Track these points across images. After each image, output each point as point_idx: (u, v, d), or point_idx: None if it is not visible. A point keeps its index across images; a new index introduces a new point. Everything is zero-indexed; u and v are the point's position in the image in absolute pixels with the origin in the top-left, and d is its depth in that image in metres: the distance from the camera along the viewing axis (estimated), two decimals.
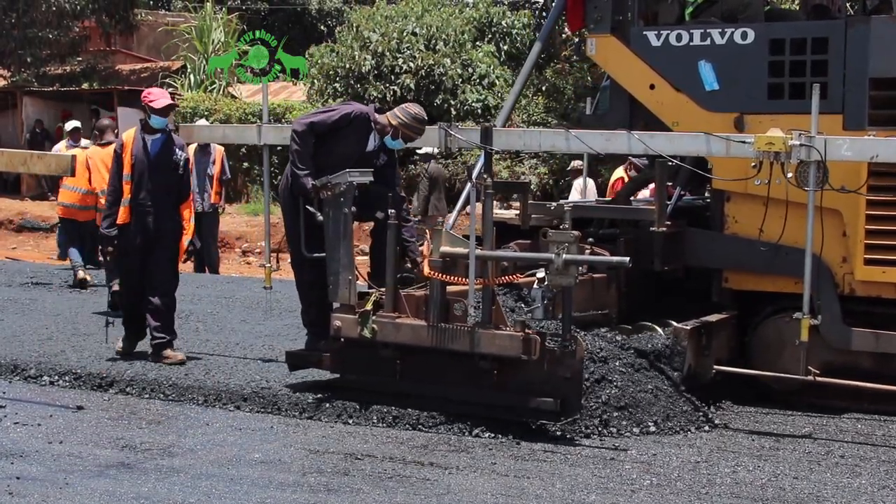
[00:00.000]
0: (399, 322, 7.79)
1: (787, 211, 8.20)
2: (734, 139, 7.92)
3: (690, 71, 8.71)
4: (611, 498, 6.24)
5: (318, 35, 34.47)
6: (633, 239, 8.91)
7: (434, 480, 6.50)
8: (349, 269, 7.94)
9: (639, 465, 6.89)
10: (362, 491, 6.27)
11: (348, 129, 8.41)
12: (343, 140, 8.37)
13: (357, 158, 8.27)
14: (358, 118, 8.42)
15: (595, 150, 8.48)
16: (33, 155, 10.53)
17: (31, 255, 20.13)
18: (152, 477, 6.48)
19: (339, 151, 8.30)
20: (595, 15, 9.05)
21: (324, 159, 8.28)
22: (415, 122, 8.44)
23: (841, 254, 8.36)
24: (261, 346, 10.40)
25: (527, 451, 7.16)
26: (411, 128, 8.44)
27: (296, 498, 6.15)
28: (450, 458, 6.95)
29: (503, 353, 7.43)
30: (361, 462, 6.85)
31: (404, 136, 8.48)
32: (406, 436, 7.47)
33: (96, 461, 6.82)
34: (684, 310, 8.73)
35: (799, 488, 6.50)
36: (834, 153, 7.60)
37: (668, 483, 6.53)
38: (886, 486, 6.60)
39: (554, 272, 7.33)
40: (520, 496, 6.23)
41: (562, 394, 7.34)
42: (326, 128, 8.38)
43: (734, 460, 7.07)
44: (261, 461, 6.85)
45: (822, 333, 8.18)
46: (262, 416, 8.02)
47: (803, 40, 8.44)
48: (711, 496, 6.31)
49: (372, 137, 8.45)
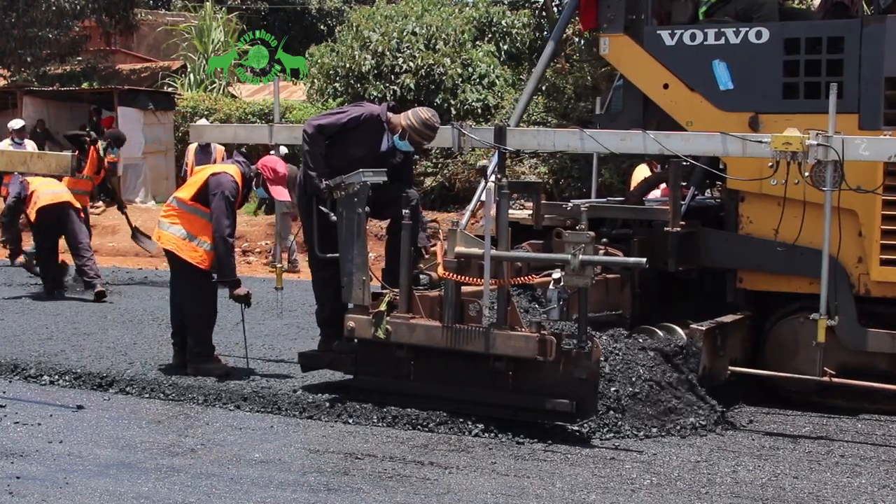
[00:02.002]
0: (413, 323, 7.74)
1: (805, 211, 8.14)
2: (751, 139, 7.89)
3: (704, 70, 8.66)
4: (611, 497, 6.22)
5: (318, 35, 34.40)
6: (647, 239, 8.86)
7: (434, 480, 6.49)
8: (363, 269, 7.90)
9: (639, 464, 6.88)
10: (362, 490, 6.27)
11: (359, 131, 8.34)
12: (355, 142, 8.31)
13: (371, 159, 8.21)
14: (368, 119, 8.34)
15: (610, 150, 8.44)
16: (33, 155, 10.52)
17: None
18: (152, 477, 6.47)
19: (351, 153, 8.23)
20: (608, 14, 9.00)
21: (337, 161, 8.22)
22: (423, 127, 8.31)
23: (856, 254, 8.32)
24: (260, 346, 10.42)
25: (527, 450, 7.15)
26: (419, 132, 8.31)
27: (296, 497, 6.14)
28: (450, 458, 6.94)
29: (518, 355, 7.38)
30: (361, 462, 6.84)
31: (411, 140, 8.37)
32: (406, 435, 7.46)
33: (96, 461, 6.81)
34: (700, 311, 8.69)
35: (799, 488, 6.49)
36: (852, 153, 7.56)
37: (668, 483, 6.52)
38: (886, 486, 6.59)
39: (570, 273, 7.29)
40: (520, 496, 6.22)
41: (578, 395, 7.30)
42: (336, 129, 8.32)
43: (734, 460, 7.05)
44: (261, 461, 6.84)
45: (837, 334, 8.14)
46: (261, 415, 8.01)
47: (818, 39, 8.40)
48: (711, 496, 6.30)
49: (385, 138, 8.38)
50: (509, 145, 8.42)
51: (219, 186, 8.94)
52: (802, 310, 8.41)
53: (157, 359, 9.60)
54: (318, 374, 8.74)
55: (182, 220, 9.05)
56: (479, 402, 7.62)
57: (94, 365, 9.29)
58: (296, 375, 8.95)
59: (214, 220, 8.91)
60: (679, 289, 9.27)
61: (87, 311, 12.68)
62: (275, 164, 9.15)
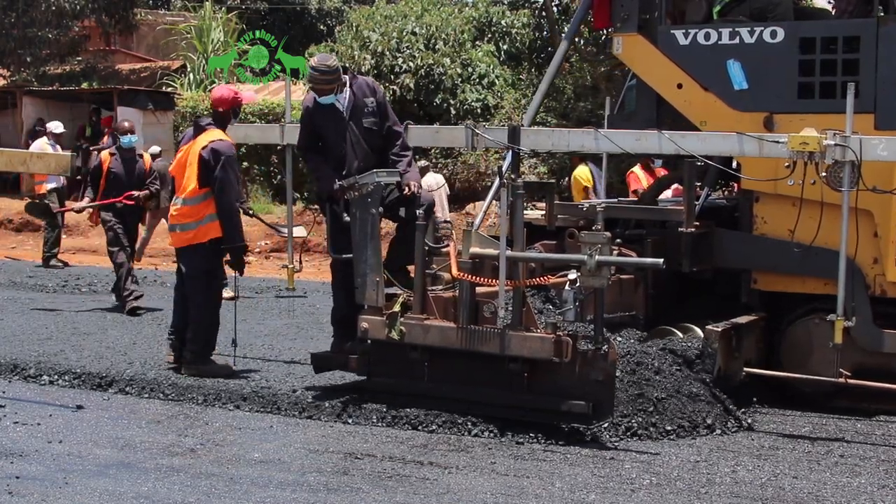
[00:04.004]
0: (427, 324, 7.69)
1: (823, 212, 8.10)
2: (767, 139, 7.85)
3: (719, 70, 8.63)
4: (610, 497, 6.21)
5: (318, 35, 34.33)
6: (661, 240, 8.82)
7: (433, 480, 6.48)
8: (377, 270, 7.84)
9: (639, 464, 6.86)
10: (362, 490, 6.26)
11: (317, 118, 8.41)
12: (321, 128, 8.40)
13: (333, 129, 8.34)
14: (310, 104, 8.45)
15: (625, 150, 8.40)
16: (33, 155, 10.50)
17: (30, 255, 20.00)
18: (152, 476, 6.46)
19: (324, 138, 8.39)
20: (622, 13, 8.97)
21: (325, 152, 8.39)
22: (313, 73, 8.28)
23: (872, 255, 8.28)
24: (260, 346, 10.42)
25: (526, 450, 7.13)
26: (313, 79, 8.28)
27: (295, 497, 6.12)
28: (449, 458, 6.93)
29: (534, 356, 7.33)
30: (361, 461, 6.83)
31: (315, 91, 8.33)
32: (406, 435, 7.44)
33: (96, 460, 6.80)
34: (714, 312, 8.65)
35: (798, 488, 6.48)
36: (870, 153, 7.52)
37: (668, 482, 6.50)
38: (886, 486, 6.58)
39: (586, 274, 7.24)
40: (519, 495, 6.21)
41: (594, 397, 7.25)
42: (310, 133, 8.47)
43: (734, 460, 7.03)
44: (260, 460, 6.84)
45: (853, 335, 8.09)
46: (261, 415, 8.00)
47: (834, 39, 8.37)
48: (711, 496, 6.28)
49: (330, 102, 8.37)
50: (523, 145, 8.38)
51: (217, 156, 8.87)
52: (817, 311, 8.37)
53: (157, 359, 9.56)
54: (319, 375, 8.71)
55: (192, 214, 9.01)
56: (494, 404, 7.57)
57: (93, 365, 9.28)
58: (296, 375, 8.94)
59: (221, 191, 8.88)
60: (693, 289, 9.23)
61: (86, 311, 12.65)
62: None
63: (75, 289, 14.88)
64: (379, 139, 8.41)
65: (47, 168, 10.17)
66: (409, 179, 8.22)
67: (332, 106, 8.34)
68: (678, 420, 7.56)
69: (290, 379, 8.83)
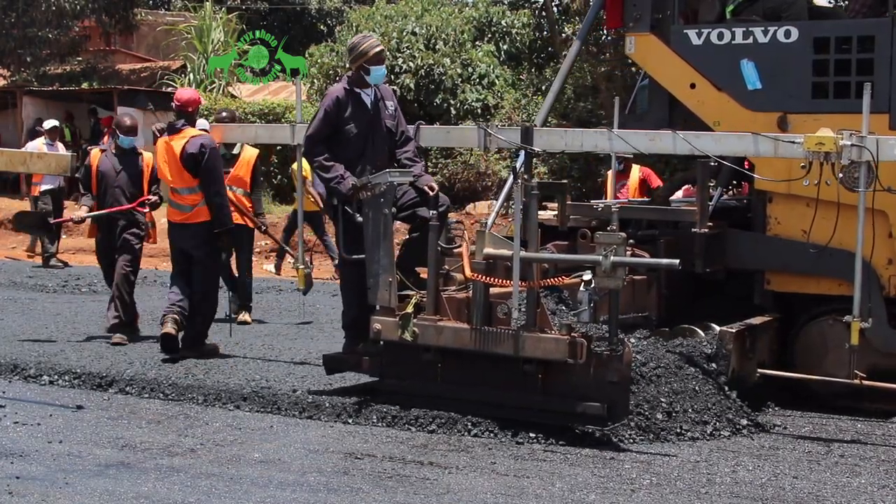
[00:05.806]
0: (441, 325, 7.65)
1: (839, 212, 8.06)
2: (783, 139, 7.80)
3: (732, 70, 8.59)
4: (610, 497, 6.19)
5: (318, 35, 34.35)
6: (674, 240, 8.78)
7: (434, 480, 6.46)
8: (389, 270, 7.79)
9: (639, 464, 6.84)
10: (362, 490, 6.25)
11: (343, 110, 8.30)
12: (348, 121, 8.29)
13: (364, 124, 8.30)
14: (342, 94, 8.32)
15: (639, 151, 8.36)
16: (33, 155, 10.48)
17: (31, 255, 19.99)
18: (152, 476, 6.45)
19: (346, 132, 8.28)
20: (634, 13, 8.95)
21: (342, 149, 8.26)
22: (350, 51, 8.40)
23: (887, 256, 8.25)
24: (260, 346, 10.41)
25: (526, 450, 7.11)
26: (355, 56, 8.30)
27: (295, 497, 6.11)
28: (449, 458, 6.91)
29: (549, 357, 7.29)
30: (361, 461, 6.82)
31: (369, 64, 8.28)
32: (406, 435, 7.43)
33: (96, 461, 6.79)
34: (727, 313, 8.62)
35: (798, 488, 6.46)
36: (886, 153, 7.48)
37: (668, 482, 6.48)
38: (886, 486, 6.57)
39: (601, 274, 7.20)
40: (519, 496, 6.19)
41: (609, 398, 7.22)
42: (329, 126, 8.30)
43: (734, 460, 7.02)
44: (260, 460, 6.83)
45: (868, 336, 8.04)
46: (261, 415, 7.99)
47: (848, 39, 8.34)
48: (711, 496, 6.26)
49: (364, 96, 8.35)
50: (536, 146, 8.34)
51: (202, 150, 9.52)
52: (832, 312, 8.33)
53: (157, 359, 9.54)
54: (319, 375, 8.70)
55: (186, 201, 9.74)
56: (508, 406, 7.53)
57: (93, 365, 9.26)
58: (296, 375, 8.93)
59: (211, 182, 9.59)
60: (706, 290, 9.19)
61: (87, 311, 12.63)
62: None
63: (75, 289, 14.91)
64: (393, 143, 8.40)
65: (47, 168, 10.16)
66: (426, 181, 8.21)
67: (361, 98, 8.32)
68: (692, 419, 7.53)
69: (290, 379, 8.81)
